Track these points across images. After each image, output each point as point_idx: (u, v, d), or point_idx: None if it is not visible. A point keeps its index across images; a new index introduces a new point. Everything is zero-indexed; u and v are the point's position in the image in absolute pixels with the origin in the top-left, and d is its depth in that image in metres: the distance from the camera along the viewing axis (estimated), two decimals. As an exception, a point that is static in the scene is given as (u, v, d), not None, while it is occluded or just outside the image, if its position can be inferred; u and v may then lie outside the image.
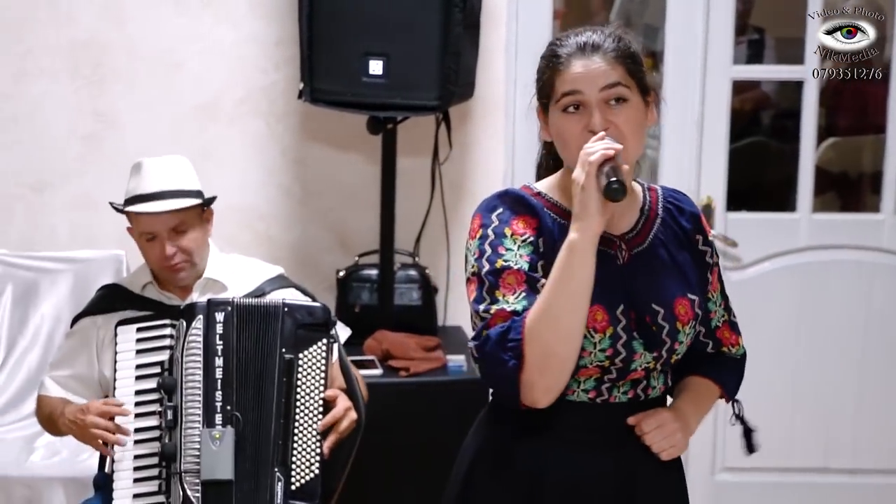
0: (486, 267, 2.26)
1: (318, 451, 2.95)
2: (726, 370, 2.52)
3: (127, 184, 3.21)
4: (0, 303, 4.31)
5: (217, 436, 2.89)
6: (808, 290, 4.48)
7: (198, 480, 2.87)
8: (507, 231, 2.28)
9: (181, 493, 2.86)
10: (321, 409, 2.98)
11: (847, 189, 5.18)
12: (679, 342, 2.32)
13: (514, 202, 2.32)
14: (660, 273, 2.34)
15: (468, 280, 2.30)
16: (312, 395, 2.98)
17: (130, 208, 3.17)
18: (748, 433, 2.61)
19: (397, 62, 3.81)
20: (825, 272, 4.48)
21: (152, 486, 2.92)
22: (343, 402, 3.03)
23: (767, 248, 4.48)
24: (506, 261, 2.25)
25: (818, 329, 4.50)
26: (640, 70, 2.33)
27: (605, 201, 2.16)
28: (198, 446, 2.89)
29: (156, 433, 2.96)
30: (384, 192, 4.11)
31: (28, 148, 4.39)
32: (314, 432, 2.96)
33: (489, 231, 2.29)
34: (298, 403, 2.97)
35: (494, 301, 2.23)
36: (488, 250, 2.27)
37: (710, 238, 2.45)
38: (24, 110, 4.38)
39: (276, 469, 2.91)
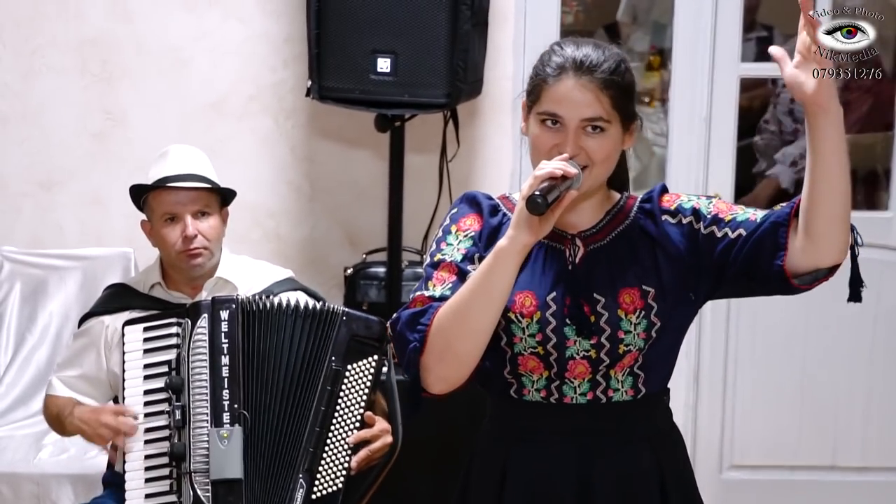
0: (428, 260, 2.35)
1: (347, 465, 2.93)
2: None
3: (149, 171, 3.21)
4: (8, 300, 4.32)
5: (225, 435, 2.88)
6: (815, 287, 4.46)
7: (207, 480, 2.86)
8: (454, 228, 2.37)
9: (191, 492, 2.86)
10: (358, 425, 2.95)
11: (855, 186, 5.17)
12: (623, 330, 2.31)
13: (469, 202, 2.41)
14: (612, 266, 2.35)
15: None
16: (353, 409, 2.95)
17: (158, 186, 3.16)
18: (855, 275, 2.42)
19: (405, 59, 3.81)
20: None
21: (164, 486, 2.91)
22: (381, 423, 3.00)
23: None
24: (443, 254, 2.33)
25: (827, 327, 4.48)
26: (628, 101, 2.33)
27: (552, 212, 2.18)
28: (206, 446, 2.88)
29: (166, 433, 2.94)
30: (392, 189, 4.11)
31: (37, 145, 4.40)
32: (346, 446, 2.93)
33: (441, 230, 2.39)
34: (336, 415, 2.94)
35: (426, 290, 2.30)
36: (434, 247, 2.36)
37: (678, 202, 2.38)
38: (32, 108, 4.39)
39: (300, 475, 2.90)
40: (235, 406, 2.91)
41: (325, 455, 2.92)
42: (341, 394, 2.95)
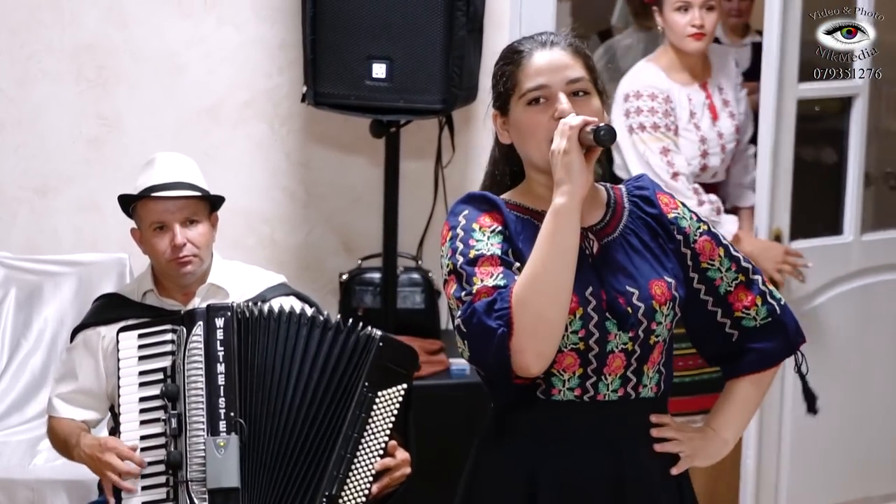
0: (461, 260, 2.28)
1: (368, 492, 2.91)
2: (753, 350, 2.47)
3: (136, 179, 3.21)
4: (3, 306, 4.32)
5: (221, 443, 2.86)
6: (859, 314, 4.32)
7: (204, 489, 2.85)
8: (476, 225, 2.32)
9: (188, 501, 2.85)
10: (382, 452, 2.93)
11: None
12: (657, 322, 2.34)
13: (478, 201, 2.37)
14: (633, 258, 2.37)
15: (446, 281, 2.32)
16: (378, 436, 2.93)
17: (145, 196, 3.16)
18: (808, 394, 2.61)
19: (401, 65, 3.81)
20: (875, 295, 4.34)
21: (160, 494, 2.90)
22: (402, 453, 2.98)
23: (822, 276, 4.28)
24: (478, 250, 2.28)
25: (873, 353, 4.35)
26: (596, 70, 2.38)
27: (587, 164, 2.21)
28: (203, 454, 2.87)
29: (162, 440, 2.93)
30: (387, 195, 4.11)
31: (32, 151, 4.40)
32: (370, 472, 2.91)
33: (458, 230, 2.33)
34: (363, 442, 2.92)
35: (474, 285, 2.25)
36: (460, 245, 2.30)
37: (675, 213, 2.44)
38: (27, 113, 4.38)
39: (324, 499, 2.87)
40: (232, 414, 2.90)
41: (349, 480, 2.90)
42: (370, 420, 2.93)
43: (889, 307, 4.38)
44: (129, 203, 3.22)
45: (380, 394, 2.94)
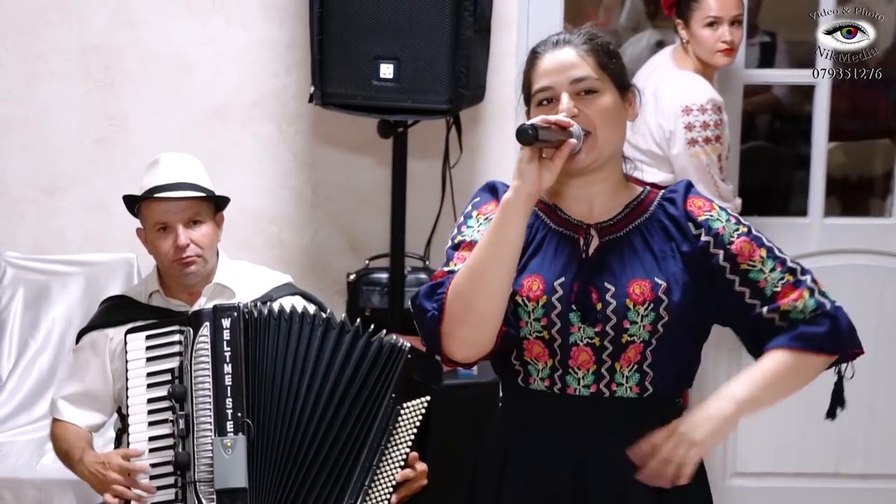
0: (449, 244, 2.39)
1: (388, 502, 2.88)
2: (798, 329, 2.36)
3: (141, 180, 3.21)
4: (11, 306, 4.33)
5: (229, 444, 2.86)
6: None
7: (212, 489, 2.84)
8: (475, 213, 2.41)
9: (196, 502, 2.84)
10: (403, 463, 2.90)
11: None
12: (629, 321, 2.32)
13: (489, 190, 2.46)
14: (625, 257, 2.37)
15: None
16: (400, 447, 2.91)
17: (149, 197, 3.16)
18: (838, 395, 2.53)
19: (408, 65, 3.81)
20: (836, 277, 4.44)
21: (169, 495, 2.89)
22: (421, 465, 2.95)
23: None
24: (464, 236, 2.38)
25: None
26: (615, 64, 2.39)
27: (540, 165, 2.22)
28: (210, 455, 2.87)
29: (170, 441, 2.93)
30: (395, 195, 4.11)
31: (40, 151, 4.41)
32: (392, 483, 2.89)
33: (462, 216, 2.43)
34: (387, 453, 2.89)
35: (445, 267, 2.34)
36: (455, 231, 2.41)
37: (707, 215, 2.40)
38: (35, 113, 4.39)
39: None
40: (239, 414, 2.89)
41: (371, 491, 2.88)
42: (394, 431, 2.91)
43: (852, 287, 4.43)
44: (133, 204, 3.23)
45: (405, 405, 2.92)
